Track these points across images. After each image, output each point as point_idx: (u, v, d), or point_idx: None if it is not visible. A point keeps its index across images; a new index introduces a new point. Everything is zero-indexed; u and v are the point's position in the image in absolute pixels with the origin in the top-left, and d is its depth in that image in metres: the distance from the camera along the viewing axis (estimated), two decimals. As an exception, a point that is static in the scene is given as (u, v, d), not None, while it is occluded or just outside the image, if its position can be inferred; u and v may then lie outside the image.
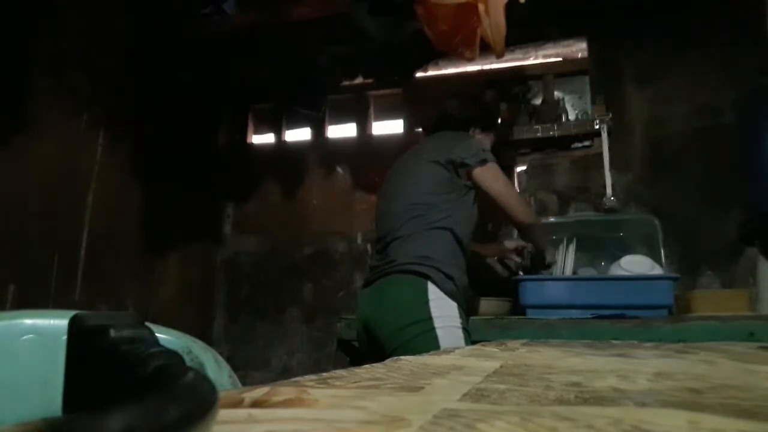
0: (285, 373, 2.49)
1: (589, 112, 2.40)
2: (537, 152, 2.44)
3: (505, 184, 1.58)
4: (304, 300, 2.63)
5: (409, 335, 1.33)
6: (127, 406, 0.13)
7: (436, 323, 1.35)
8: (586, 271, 1.96)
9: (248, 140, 2.96)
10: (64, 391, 0.32)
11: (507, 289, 1.83)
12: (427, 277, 1.40)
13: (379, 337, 1.41)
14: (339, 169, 2.75)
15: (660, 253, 1.98)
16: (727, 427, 0.24)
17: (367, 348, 1.50)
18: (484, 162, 1.55)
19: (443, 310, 1.37)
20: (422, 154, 1.60)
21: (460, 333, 1.37)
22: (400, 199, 1.54)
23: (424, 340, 1.30)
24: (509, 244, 1.97)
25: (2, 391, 0.57)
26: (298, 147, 2.86)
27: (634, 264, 1.74)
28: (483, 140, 1.74)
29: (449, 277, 1.43)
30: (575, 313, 1.61)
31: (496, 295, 1.83)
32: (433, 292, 1.39)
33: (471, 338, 1.42)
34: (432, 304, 1.37)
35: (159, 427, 0.14)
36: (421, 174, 1.55)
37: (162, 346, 0.27)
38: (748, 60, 2.03)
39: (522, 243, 1.89)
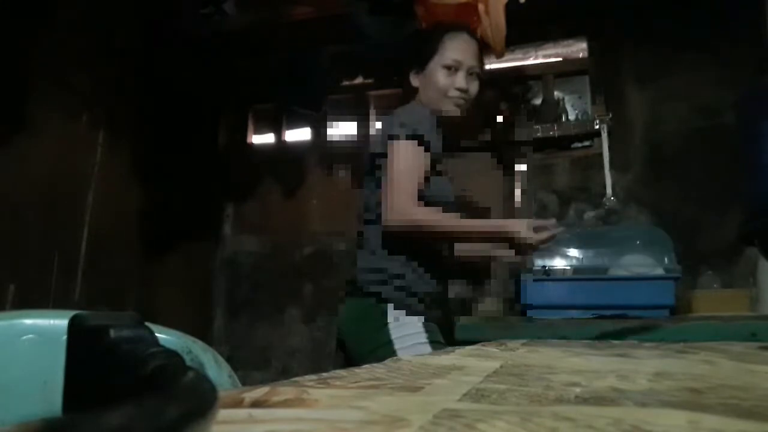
0: (285, 373, 2.49)
1: (589, 112, 2.40)
2: (537, 152, 2.44)
3: (401, 168, 1.27)
4: (304, 300, 2.63)
5: (371, 361, 1.26)
6: (127, 405, 0.13)
7: (397, 345, 1.26)
8: (588, 270, 1.95)
9: (248, 140, 2.96)
10: (64, 391, 0.32)
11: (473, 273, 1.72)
12: (386, 300, 1.30)
13: (352, 363, 1.33)
14: (339, 170, 2.75)
15: (663, 260, 1.95)
16: (727, 427, 0.24)
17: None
18: (393, 138, 1.31)
19: (404, 329, 1.28)
20: (369, 148, 1.44)
21: (426, 348, 1.26)
22: (360, 202, 1.43)
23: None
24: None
25: (2, 391, 0.57)
26: (298, 147, 2.86)
27: (635, 264, 1.74)
28: (429, 81, 1.43)
29: (412, 294, 1.31)
30: (576, 313, 1.62)
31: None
32: (392, 315, 1.29)
33: (453, 343, 1.30)
34: (391, 326, 1.28)
35: (159, 427, 0.14)
36: (366, 173, 1.41)
37: (162, 346, 0.27)
38: (748, 60, 2.03)
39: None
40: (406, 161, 1.28)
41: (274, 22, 2.39)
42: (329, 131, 2.84)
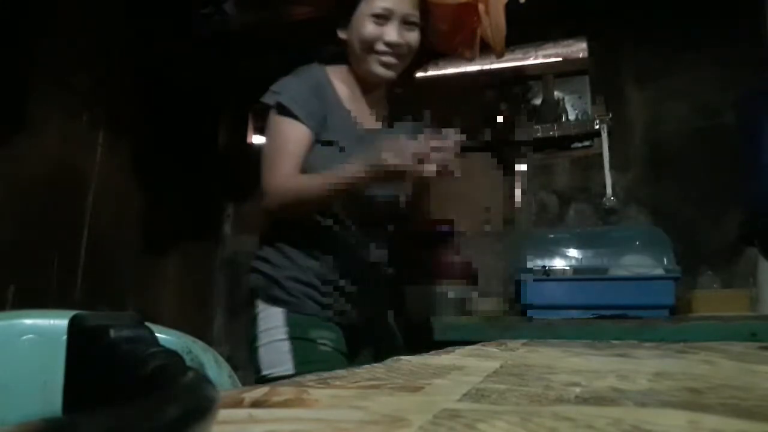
0: (285, 373, 2.48)
1: (589, 112, 2.40)
2: (537, 152, 2.44)
3: (270, 146, 1.16)
4: (304, 300, 2.62)
5: (250, 356, 1.18)
6: (127, 406, 0.13)
7: (260, 340, 1.13)
8: (588, 270, 1.95)
9: (248, 140, 2.96)
10: (64, 391, 0.32)
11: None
12: (254, 291, 1.18)
13: None
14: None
15: (663, 260, 1.95)
16: (727, 427, 0.24)
17: None
18: (267, 109, 1.19)
19: (267, 322, 1.14)
20: None
21: (285, 347, 1.10)
22: None
23: (253, 363, 1.14)
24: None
25: (2, 391, 0.57)
26: (298, 147, 2.86)
27: (635, 264, 1.74)
28: (356, 34, 1.22)
29: (273, 281, 1.16)
30: (576, 313, 1.62)
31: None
32: (259, 305, 1.16)
33: (331, 345, 1.13)
34: (258, 317, 1.15)
35: (159, 427, 0.14)
36: None
37: (162, 346, 0.27)
38: (748, 60, 2.03)
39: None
40: (275, 137, 1.16)
41: (274, 22, 2.39)
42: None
